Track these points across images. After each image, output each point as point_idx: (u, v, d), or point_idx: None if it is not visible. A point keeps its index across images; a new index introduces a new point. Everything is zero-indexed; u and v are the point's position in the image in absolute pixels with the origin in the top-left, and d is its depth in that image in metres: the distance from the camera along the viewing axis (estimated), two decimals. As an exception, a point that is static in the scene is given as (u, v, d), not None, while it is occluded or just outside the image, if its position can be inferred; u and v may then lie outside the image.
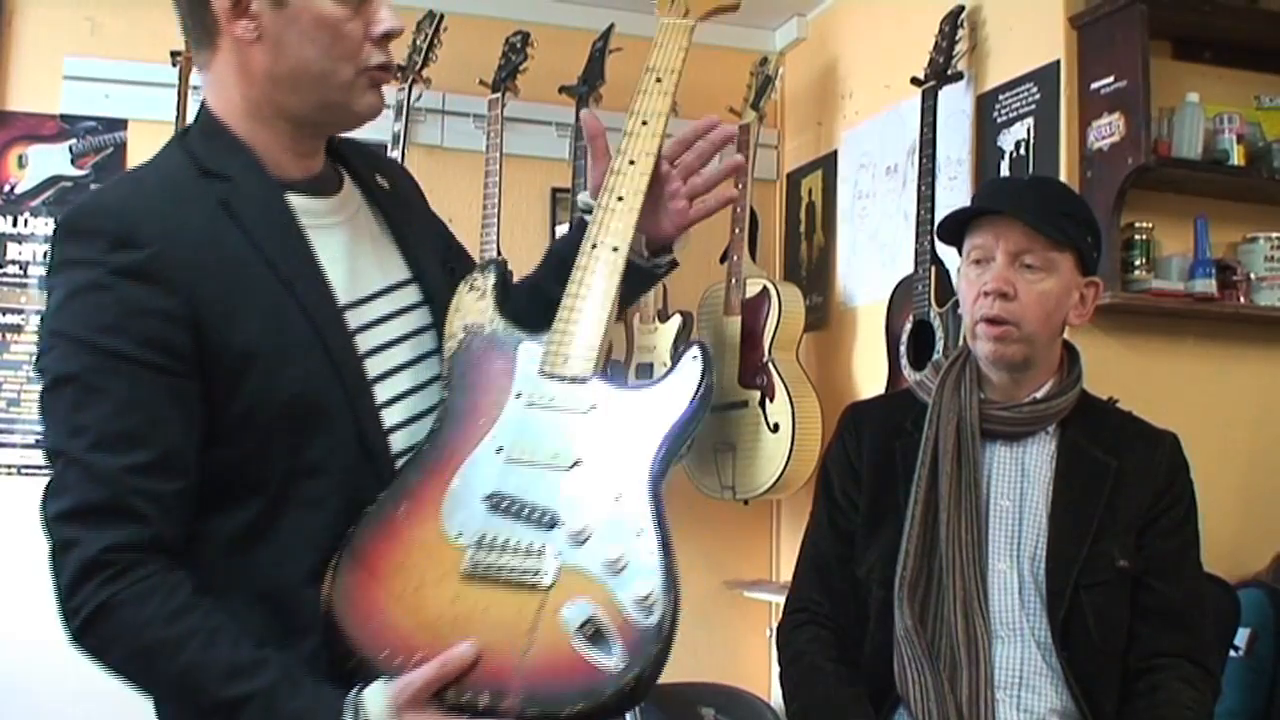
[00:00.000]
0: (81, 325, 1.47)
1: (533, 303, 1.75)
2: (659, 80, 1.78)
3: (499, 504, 1.49)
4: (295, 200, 1.61)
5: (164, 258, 1.48)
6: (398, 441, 1.61)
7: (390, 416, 1.61)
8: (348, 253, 1.64)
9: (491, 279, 1.73)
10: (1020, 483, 2.32)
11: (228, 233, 1.53)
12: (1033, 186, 2.46)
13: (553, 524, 1.46)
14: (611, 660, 1.37)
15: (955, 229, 2.38)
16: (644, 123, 1.73)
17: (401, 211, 1.79)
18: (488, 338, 1.64)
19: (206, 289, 1.49)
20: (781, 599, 2.66)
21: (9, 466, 3.96)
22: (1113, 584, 2.25)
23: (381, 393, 1.61)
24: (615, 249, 1.69)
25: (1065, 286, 2.30)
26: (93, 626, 1.44)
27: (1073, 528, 2.26)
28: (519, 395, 1.58)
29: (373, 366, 1.61)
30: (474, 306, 1.68)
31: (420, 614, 1.44)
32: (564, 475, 1.51)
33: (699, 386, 1.56)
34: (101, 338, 1.45)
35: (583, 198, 1.85)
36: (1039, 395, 2.35)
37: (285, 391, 1.51)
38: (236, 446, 1.52)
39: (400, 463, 1.59)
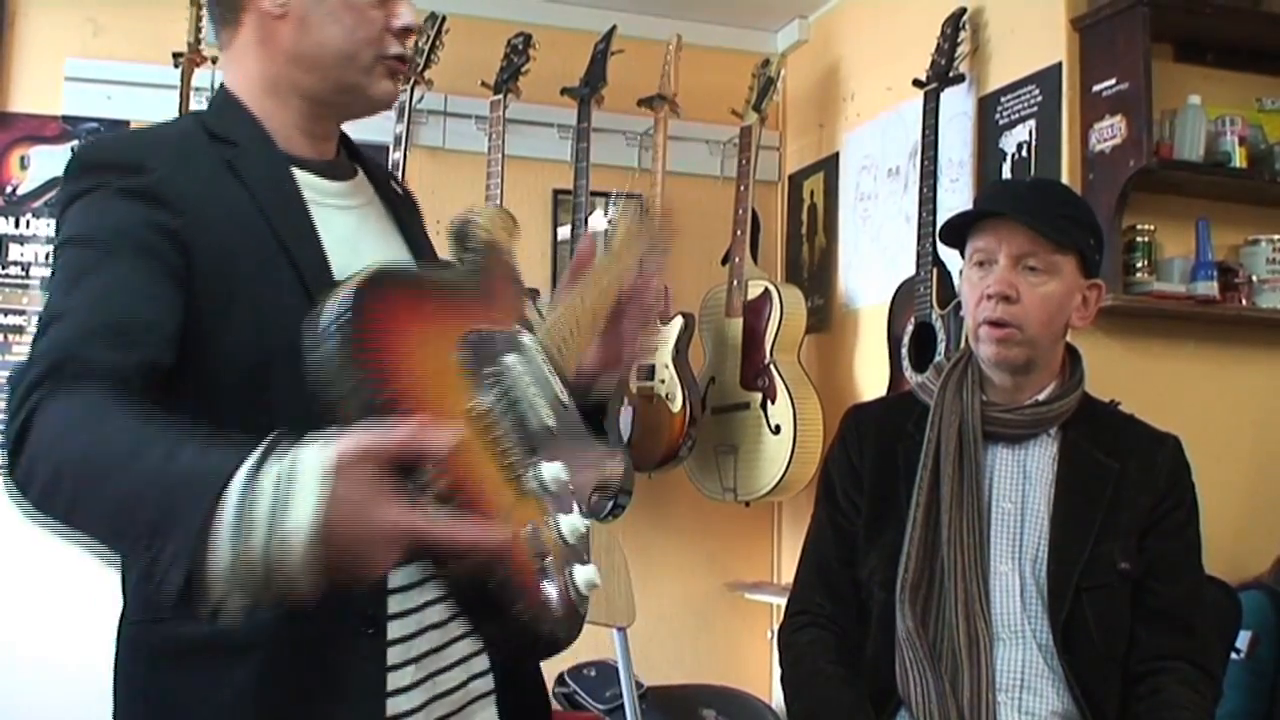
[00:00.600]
0: (79, 230, 1.46)
1: None
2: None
3: (504, 388, 1.37)
4: (301, 175, 1.62)
5: (169, 184, 1.48)
6: None
7: None
8: (351, 236, 1.64)
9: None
10: (1022, 485, 2.32)
11: (230, 187, 1.54)
12: (1035, 189, 2.46)
13: (530, 450, 1.34)
14: (550, 594, 1.27)
15: (957, 232, 2.38)
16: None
17: (411, 217, 1.80)
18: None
19: (206, 226, 1.48)
20: (783, 601, 2.65)
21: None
22: (1114, 586, 2.25)
23: None
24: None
25: (1068, 289, 2.30)
26: (24, 436, 1.27)
27: (1074, 530, 2.26)
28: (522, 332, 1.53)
29: None
30: None
31: (445, 402, 1.28)
32: (555, 409, 1.44)
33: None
34: (98, 234, 1.44)
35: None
36: (1041, 398, 2.35)
37: (263, 349, 1.46)
38: (193, 402, 1.39)
39: None
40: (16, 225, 4.04)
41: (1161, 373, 3.24)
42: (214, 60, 3.89)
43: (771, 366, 3.94)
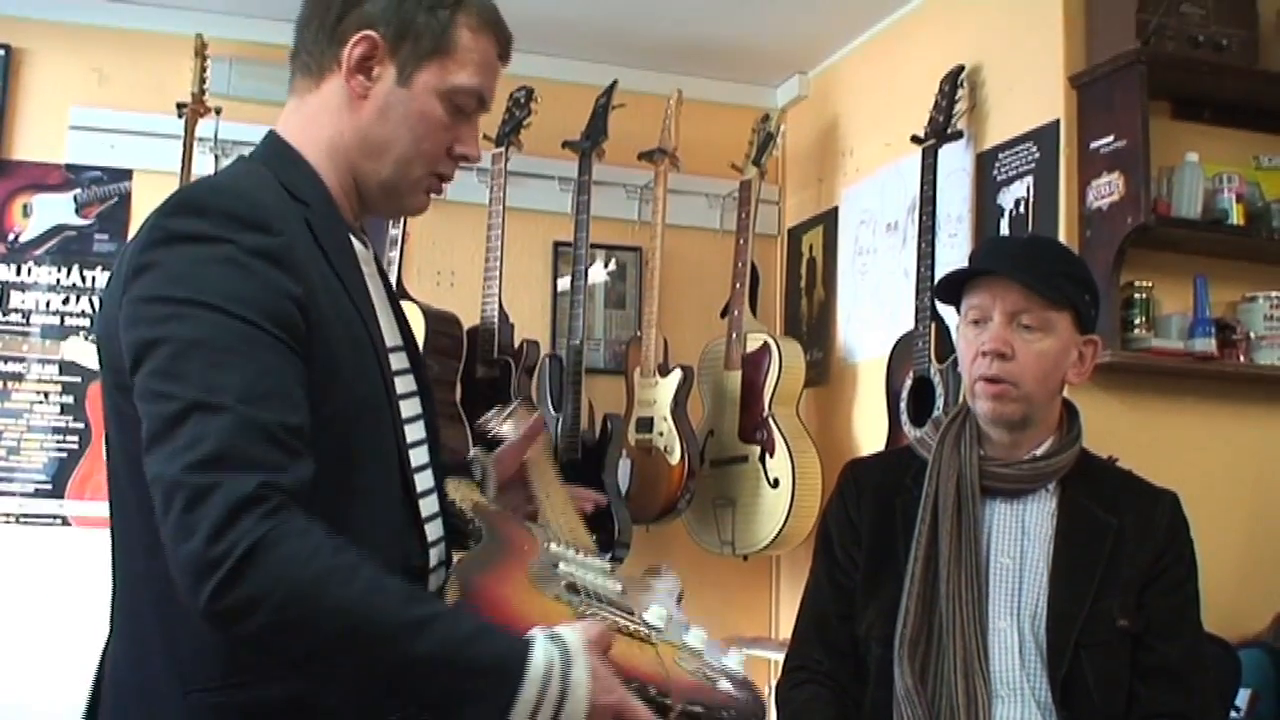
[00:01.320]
0: (214, 294, 1.40)
1: None
2: None
3: (574, 587, 1.60)
4: (353, 241, 1.68)
5: (292, 248, 1.49)
6: (421, 480, 1.66)
7: (414, 456, 1.66)
8: (378, 304, 1.69)
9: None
10: (1021, 540, 2.32)
11: (315, 252, 1.56)
12: (1029, 246, 2.46)
13: (629, 611, 1.60)
14: (735, 692, 1.51)
15: (953, 288, 2.39)
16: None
17: (391, 292, 1.84)
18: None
19: (314, 292, 1.50)
20: (781, 656, 2.64)
21: (8, 515, 3.95)
22: (1113, 644, 2.24)
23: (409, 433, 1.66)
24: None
25: (1063, 345, 2.30)
26: (248, 566, 1.27)
27: (1073, 586, 2.26)
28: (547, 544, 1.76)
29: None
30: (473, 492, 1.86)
31: None
32: (609, 578, 1.69)
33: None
34: (238, 307, 1.39)
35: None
36: (1039, 453, 2.35)
37: (352, 413, 1.52)
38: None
39: (422, 501, 1.64)
40: (18, 273, 4.05)
41: (1159, 429, 3.24)
42: (217, 111, 3.92)
43: (770, 420, 3.94)
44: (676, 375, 4.01)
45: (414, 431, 1.69)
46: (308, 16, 1.68)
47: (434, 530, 1.68)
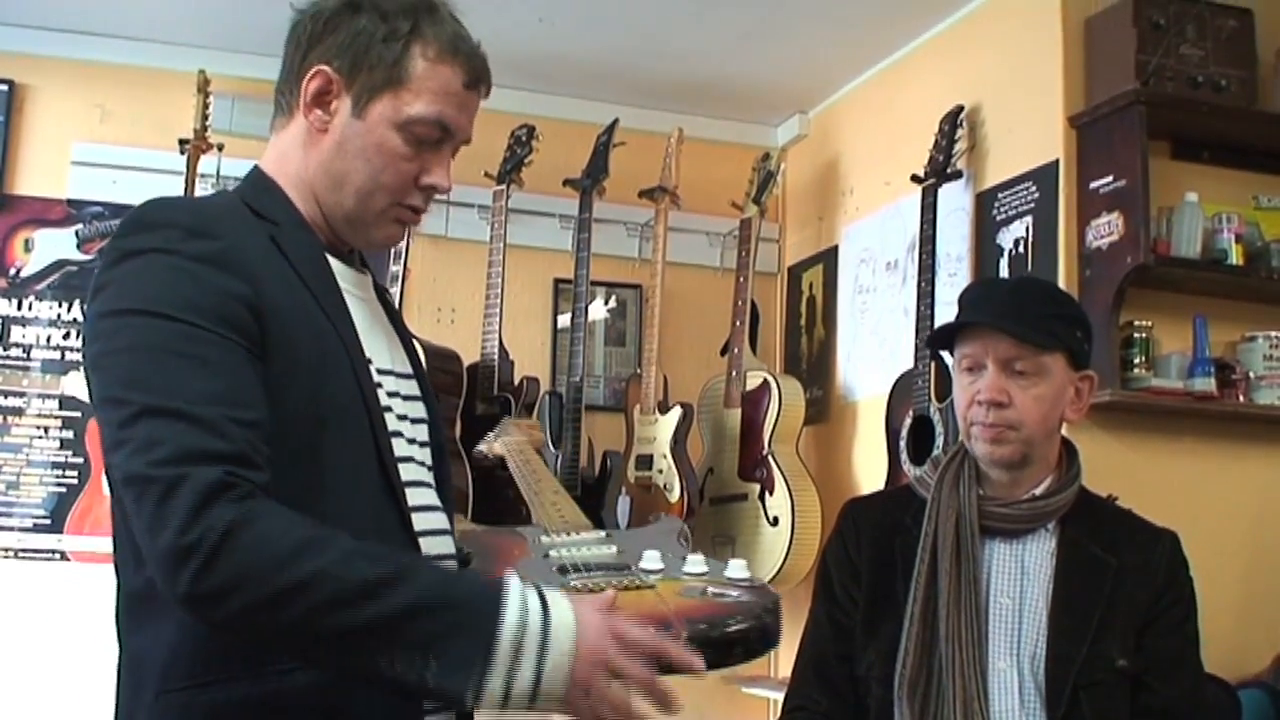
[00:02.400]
0: (160, 301, 1.44)
1: None
2: None
3: (564, 568, 1.64)
4: (331, 260, 1.68)
5: (236, 250, 1.51)
6: (411, 494, 1.64)
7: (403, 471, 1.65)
8: (367, 323, 1.69)
9: None
10: (1020, 580, 2.31)
11: (279, 260, 1.58)
12: (1015, 293, 2.42)
13: (623, 568, 1.64)
14: (743, 596, 1.55)
15: (945, 337, 2.39)
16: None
17: (401, 326, 1.86)
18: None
19: (267, 293, 1.52)
20: (780, 695, 2.63)
21: (7, 550, 3.93)
22: (1112, 684, 2.22)
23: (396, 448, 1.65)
24: None
25: (1059, 387, 2.30)
26: (223, 551, 1.31)
27: (1072, 627, 2.24)
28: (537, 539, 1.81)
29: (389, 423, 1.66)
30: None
31: None
32: (604, 544, 1.75)
33: None
34: (185, 313, 1.43)
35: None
36: (1038, 492, 2.34)
37: (318, 413, 1.52)
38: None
39: (411, 497, 1.63)
40: (19, 307, 4.06)
41: (1159, 469, 3.23)
42: (219, 147, 3.93)
43: (770, 457, 3.93)
44: (676, 413, 4.01)
45: (420, 454, 1.72)
46: (284, 56, 1.71)
47: (431, 545, 1.67)
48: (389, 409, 1.65)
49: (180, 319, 1.43)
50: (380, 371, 1.66)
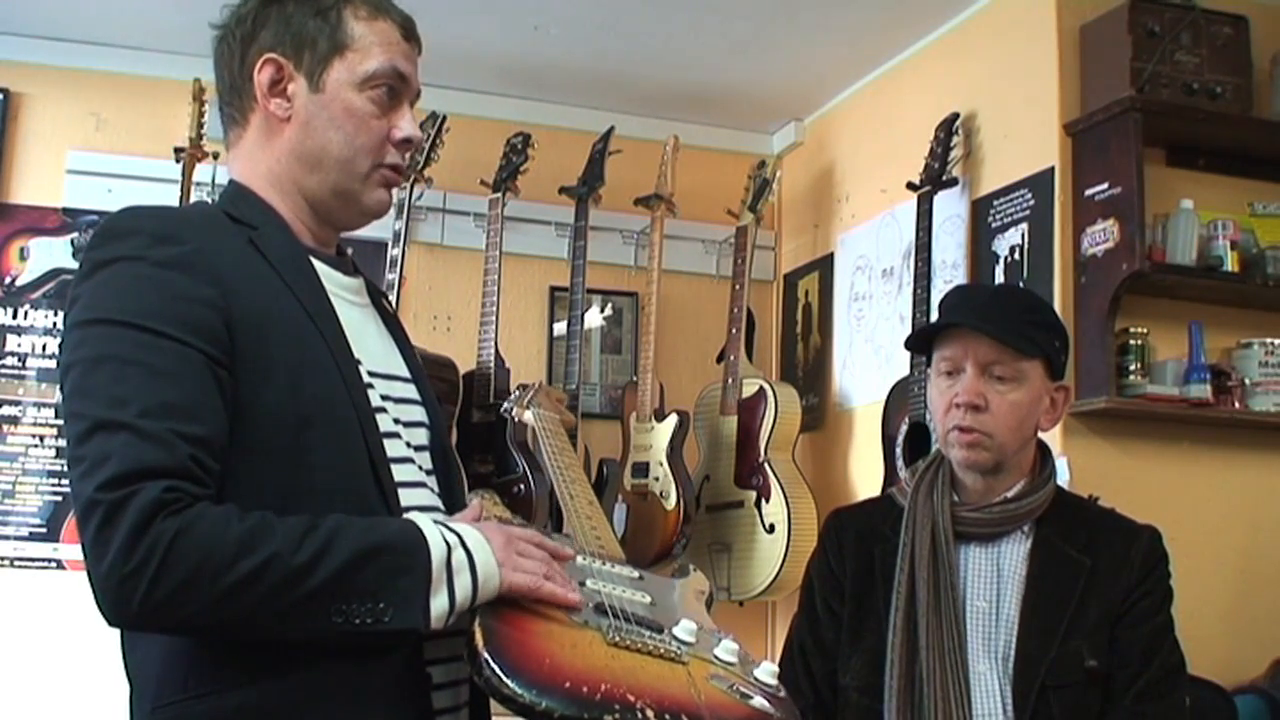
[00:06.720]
0: (122, 310, 1.46)
1: None
2: None
3: (602, 608, 1.62)
4: (316, 262, 1.68)
5: (204, 254, 1.53)
6: (407, 495, 1.64)
7: (397, 472, 1.64)
8: (358, 327, 1.70)
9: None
10: (996, 583, 2.32)
11: (257, 262, 1.59)
12: (995, 298, 2.45)
13: (659, 629, 1.62)
14: (768, 706, 1.54)
15: (923, 341, 2.40)
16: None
17: (400, 334, 1.86)
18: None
19: (240, 294, 1.53)
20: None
21: (2, 558, 3.93)
22: (1082, 684, 2.22)
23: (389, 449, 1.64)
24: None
25: (1035, 395, 2.31)
26: (167, 565, 1.34)
27: (1042, 628, 2.25)
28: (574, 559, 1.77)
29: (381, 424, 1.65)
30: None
31: (590, 660, 1.49)
32: (638, 588, 1.74)
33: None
34: (144, 319, 1.45)
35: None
36: (1010, 495, 2.35)
37: (300, 412, 1.53)
38: (240, 461, 1.49)
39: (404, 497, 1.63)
40: (14, 316, 4.05)
41: (1154, 475, 3.23)
42: (215, 155, 3.93)
43: (766, 465, 3.93)
44: (672, 420, 4.00)
45: (419, 457, 1.72)
46: (218, 75, 1.75)
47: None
48: (382, 410, 1.64)
49: (140, 326, 1.45)
50: (372, 374, 1.66)
